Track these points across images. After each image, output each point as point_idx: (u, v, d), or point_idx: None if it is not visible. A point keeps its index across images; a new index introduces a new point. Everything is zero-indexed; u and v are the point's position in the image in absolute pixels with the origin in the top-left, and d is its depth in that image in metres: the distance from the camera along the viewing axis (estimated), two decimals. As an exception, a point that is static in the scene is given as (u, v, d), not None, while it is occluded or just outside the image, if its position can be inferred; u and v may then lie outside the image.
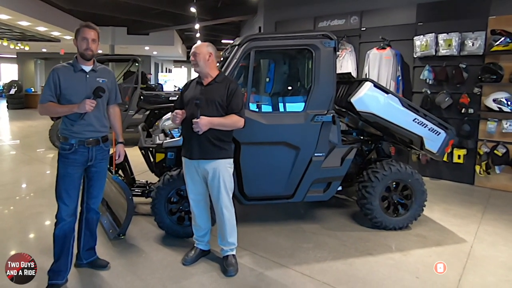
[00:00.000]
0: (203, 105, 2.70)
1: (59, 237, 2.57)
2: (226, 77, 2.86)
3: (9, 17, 9.99)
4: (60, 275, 2.56)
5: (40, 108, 2.54)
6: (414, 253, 3.21)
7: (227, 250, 2.91)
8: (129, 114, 7.63)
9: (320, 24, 6.81)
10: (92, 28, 2.56)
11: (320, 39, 3.33)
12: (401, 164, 3.61)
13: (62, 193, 2.53)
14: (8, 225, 3.70)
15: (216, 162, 2.76)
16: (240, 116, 2.74)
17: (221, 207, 2.81)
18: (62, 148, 2.55)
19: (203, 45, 2.82)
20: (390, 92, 3.62)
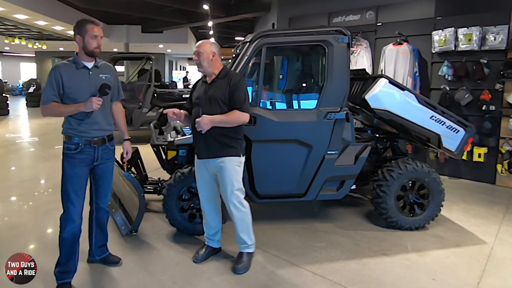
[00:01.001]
0: (205, 104, 2.69)
1: (68, 240, 2.51)
2: (228, 72, 2.78)
3: (27, 16, 10.23)
4: (70, 274, 2.56)
5: (43, 109, 2.43)
6: (431, 254, 3.12)
7: (240, 247, 2.90)
8: (142, 111, 7.70)
9: (334, 20, 6.70)
10: (98, 24, 2.51)
11: (333, 35, 3.27)
12: (417, 162, 3.52)
13: (71, 194, 2.47)
14: (24, 220, 3.78)
15: (223, 160, 2.72)
16: (243, 111, 2.66)
17: (230, 205, 2.79)
18: (68, 148, 2.47)
19: (206, 43, 2.76)
20: (406, 89, 3.54)
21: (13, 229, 3.55)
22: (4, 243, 3.25)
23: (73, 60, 2.48)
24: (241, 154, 2.78)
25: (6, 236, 3.38)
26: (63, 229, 2.51)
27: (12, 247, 3.16)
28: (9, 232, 3.47)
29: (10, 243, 3.25)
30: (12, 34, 14.08)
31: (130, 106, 7.64)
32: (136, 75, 8.94)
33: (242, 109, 2.66)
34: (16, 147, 7.60)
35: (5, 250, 3.10)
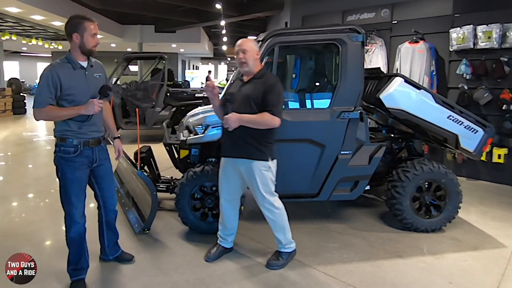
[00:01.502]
0: (236, 101, 2.64)
1: (76, 240, 2.49)
2: (266, 72, 2.73)
3: (43, 17, 10.44)
4: (83, 271, 2.57)
5: (38, 113, 2.27)
6: (448, 257, 3.05)
7: (277, 245, 2.90)
8: (155, 110, 7.77)
9: (348, 18, 6.62)
10: (95, 21, 2.39)
11: (347, 33, 3.23)
12: (434, 163, 3.44)
13: (72, 198, 2.39)
14: (40, 217, 3.85)
15: (249, 163, 2.68)
16: (273, 114, 2.58)
17: (262, 208, 2.79)
18: (66, 152, 2.35)
19: (250, 41, 2.69)
20: (423, 88, 3.47)
21: (30, 225, 3.62)
22: (21, 239, 3.31)
23: (68, 60, 2.35)
24: (269, 158, 2.70)
25: (24, 232, 3.45)
26: (68, 230, 2.47)
27: (30, 242, 3.24)
28: (26, 229, 3.54)
29: (28, 239, 3.31)
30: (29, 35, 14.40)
31: (143, 105, 7.71)
32: (149, 74, 9.02)
33: (273, 112, 2.58)
34: (32, 145, 7.77)
35: (23, 246, 3.18)
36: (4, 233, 3.46)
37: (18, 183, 5.06)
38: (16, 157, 6.82)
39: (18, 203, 4.35)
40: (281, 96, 2.65)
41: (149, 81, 8.33)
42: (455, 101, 4.94)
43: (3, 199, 4.39)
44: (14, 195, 4.55)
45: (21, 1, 8.57)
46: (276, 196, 2.80)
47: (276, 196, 2.80)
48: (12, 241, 3.26)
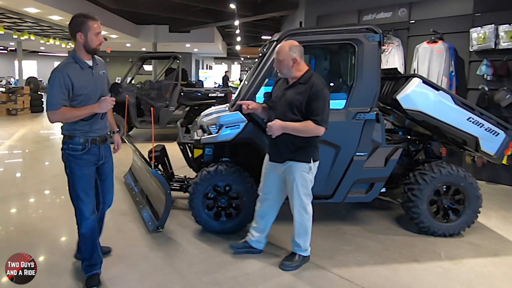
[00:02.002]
0: (279, 107, 2.65)
1: (88, 235, 2.51)
2: (312, 76, 2.64)
3: (61, 18, 10.64)
4: (97, 266, 2.59)
5: (53, 115, 2.26)
6: (466, 263, 2.97)
7: (294, 248, 2.89)
8: (169, 110, 7.82)
9: (364, 18, 6.52)
10: (99, 20, 2.38)
11: (364, 33, 3.20)
12: (452, 166, 3.36)
13: (81, 194, 2.42)
14: (57, 213, 3.92)
15: (290, 165, 2.69)
16: (318, 124, 2.53)
17: (294, 209, 2.77)
18: (74, 149, 2.37)
19: (284, 49, 2.62)
20: (441, 89, 3.41)
21: (47, 221, 3.69)
22: (39, 234, 3.38)
23: (75, 60, 2.35)
24: (311, 160, 2.68)
25: (41, 228, 3.52)
26: (80, 227, 2.50)
27: (47, 238, 3.31)
28: (43, 224, 3.60)
29: (45, 234, 3.38)
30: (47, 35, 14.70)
31: (157, 104, 7.78)
32: (163, 74, 9.09)
33: (317, 121, 2.53)
34: (49, 143, 7.94)
35: (41, 241, 3.27)
36: (22, 228, 3.53)
37: (35, 179, 5.16)
38: (33, 154, 6.97)
39: (35, 199, 4.44)
40: (326, 103, 2.57)
41: (163, 81, 8.40)
42: (475, 103, 4.81)
43: (21, 195, 4.49)
44: (31, 191, 4.64)
45: (40, 2, 8.75)
46: (310, 199, 2.79)
47: (310, 199, 2.79)
48: (30, 237, 3.32)
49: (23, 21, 11.18)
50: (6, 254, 2.95)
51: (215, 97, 8.12)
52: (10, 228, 3.58)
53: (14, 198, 4.40)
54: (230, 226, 3.35)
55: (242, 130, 3.26)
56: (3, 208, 4.11)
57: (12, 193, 4.53)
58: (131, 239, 3.29)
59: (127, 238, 3.31)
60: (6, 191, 4.60)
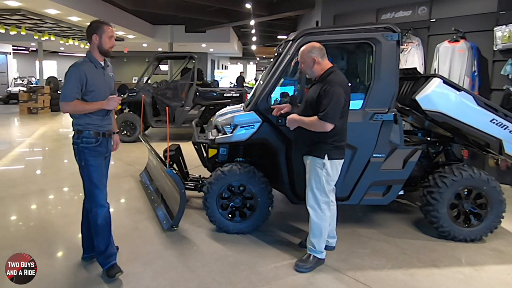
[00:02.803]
0: (301, 103, 2.83)
1: (103, 225, 2.63)
2: (329, 75, 2.70)
3: (80, 18, 10.87)
4: (113, 257, 2.69)
5: (66, 106, 2.49)
6: (489, 269, 2.87)
7: (308, 248, 2.87)
8: (185, 109, 7.87)
9: (383, 17, 6.40)
10: (113, 26, 2.62)
11: (382, 32, 3.15)
12: (474, 169, 3.26)
13: (98, 183, 2.61)
14: (75, 210, 3.97)
15: (307, 158, 2.80)
16: (321, 119, 2.59)
17: (308, 204, 2.81)
18: (89, 142, 2.57)
19: (305, 52, 2.76)
20: (463, 89, 3.30)
21: (65, 217, 3.77)
22: (58, 230, 3.46)
23: (90, 59, 2.58)
24: (325, 157, 2.69)
25: (60, 224, 3.60)
26: (97, 218, 2.61)
27: (65, 234, 3.38)
28: (62, 220, 3.68)
29: (64, 230, 3.46)
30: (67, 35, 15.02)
31: (173, 104, 7.84)
32: (179, 74, 9.16)
33: (320, 117, 2.60)
34: (68, 141, 8.11)
35: (59, 236, 3.34)
36: (41, 223, 3.62)
37: (54, 176, 5.28)
38: (52, 152, 7.15)
39: (54, 196, 4.54)
40: (334, 100, 2.58)
41: (179, 81, 8.46)
42: (499, 104, 4.64)
43: (41, 192, 4.60)
44: (50, 188, 4.75)
45: (60, 3, 8.96)
46: (327, 199, 2.78)
47: (327, 199, 2.78)
48: (49, 233, 3.40)
49: (43, 22, 11.46)
50: (26, 248, 3.04)
51: (230, 97, 8.13)
52: (31, 223, 3.66)
53: (35, 194, 4.51)
54: (244, 226, 3.34)
55: (257, 130, 3.24)
56: (24, 204, 4.22)
57: (33, 190, 4.65)
58: (146, 237, 3.32)
59: (142, 236, 3.34)
60: (27, 187, 4.72)
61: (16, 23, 11.88)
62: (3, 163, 6.01)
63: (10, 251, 2.69)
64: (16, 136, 8.86)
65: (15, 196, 4.41)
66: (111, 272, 2.62)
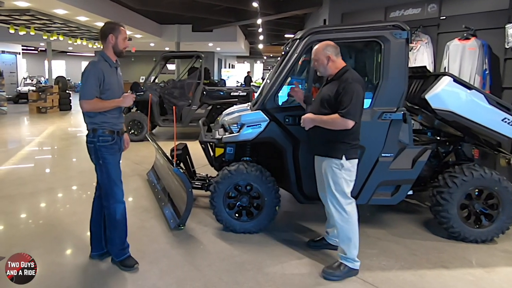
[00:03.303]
0: (315, 102, 2.77)
1: (121, 221, 2.74)
2: (345, 73, 2.66)
3: (88, 18, 10.97)
4: (127, 249, 2.80)
5: (86, 104, 2.54)
6: (500, 271, 2.82)
7: (338, 254, 2.77)
8: (192, 109, 7.88)
9: (392, 15, 6.31)
10: (125, 28, 2.71)
11: (391, 30, 3.11)
12: (485, 169, 3.20)
13: (116, 180, 2.70)
14: (83, 208, 4.00)
15: (323, 160, 2.73)
16: (343, 116, 2.53)
17: (330, 206, 2.73)
18: (106, 140, 2.63)
19: (319, 50, 2.72)
20: (474, 88, 3.26)
21: (73, 215, 3.80)
22: (66, 228, 3.49)
23: (105, 59, 2.65)
24: (343, 157, 2.63)
25: (68, 222, 3.62)
26: (116, 214, 2.70)
27: (73, 232, 3.41)
28: (70, 218, 3.71)
29: (72, 228, 3.48)
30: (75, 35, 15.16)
31: (180, 103, 7.86)
32: (186, 73, 9.18)
33: (343, 114, 2.53)
34: (76, 140, 8.19)
35: (68, 234, 3.37)
36: (50, 222, 3.65)
37: (63, 175, 5.33)
38: (61, 151, 7.21)
39: (63, 194, 4.58)
40: (355, 96, 2.54)
41: (186, 80, 8.47)
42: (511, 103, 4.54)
43: (50, 190, 4.64)
44: (59, 187, 4.79)
45: (68, 3, 9.04)
46: (350, 200, 2.70)
47: (350, 200, 2.70)
48: (58, 230, 3.43)
49: (52, 23, 11.58)
50: (35, 246, 3.07)
51: (237, 96, 8.12)
52: (40, 221, 3.70)
53: (44, 192, 4.55)
54: (251, 225, 3.33)
55: (264, 130, 3.23)
56: (33, 202, 4.26)
57: (42, 188, 4.69)
58: (153, 235, 3.33)
59: (149, 234, 3.35)
60: (36, 186, 4.77)
61: (25, 23, 12.02)
62: (13, 161, 6.09)
63: (20, 249, 2.72)
64: (26, 135, 8.97)
65: (25, 194, 4.46)
66: (128, 263, 2.73)
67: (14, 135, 8.82)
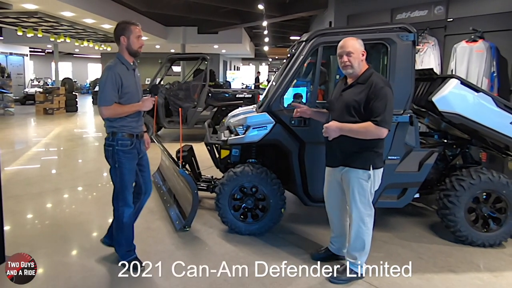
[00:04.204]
0: (337, 108, 2.54)
1: (128, 224, 2.73)
2: (371, 75, 2.49)
3: (94, 21, 11.07)
4: (134, 251, 2.80)
5: (106, 110, 2.50)
6: (508, 276, 2.78)
7: (347, 260, 2.71)
8: (197, 110, 7.90)
9: (398, 17, 6.30)
10: (139, 25, 2.61)
11: (397, 32, 3.10)
12: (493, 172, 3.17)
13: (128, 185, 2.67)
14: (89, 209, 4.04)
15: (346, 170, 2.55)
16: (378, 125, 2.35)
17: (351, 219, 2.63)
18: (124, 145, 2.59)
19: (355, 41, 2.50)
20: (482, 91, 3.24)
21: (79, 216, 3.82)
22: (72, 228, 3.51)
23: (122, 61, 2.59)
24: (371, 167, 2.49)
25: (74, 222, 3.64)
26: (123, 217, 2.69)
27: (79, 232, 3.43)
28: (76, 219, 3.73)
29: (78, 229, 3.50)
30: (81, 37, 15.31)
31: (185, 105, 7.88)
32: (191, 75, 9.21)
33: (377, 122, 2.35)
34: (82, 141, 8.24)
35: (74, 235, 3.39)
36: (56, 222, 3.67)
37: (69, 176, 5.36)
38: (67, 152, 7.26)
39: (69, 195, 4.60)
40: (388, 102, 2.38)
41: (191, 82, 8.51)
42: (519, 105, 4.51)
43: (56, 191, 4.67)
44: (65, 187, 4.82)
45: (75, 6, 9.13)
46: (371, 211, 2.61)
47: (371, 211, 2.61)
48: (64, 231, 3.45)
49: (59, 25, 11.70)
50: (42, 246, 3.09)
51: (243, 98, 8.13)
52: (46, 222, 3.73)
53: (50, 193, 4.59)
54: (256, 227, 3.33)
55: (270, 132, 3.23)
56: (40, 202, 4.29)
57: (48, 189, 4.73)
58: (158, 237, 3.33)
59: (154, 236, 3.35)
60: (43, 186, 4.81)
61: (33, 25, 12.17)
62: (19, 162, 6.14)
63: (27, 249, 2.73)
64: (32, 136, 9.05)
65: (32, 194, 4.50)
66: (134, 264, 2.70)
67: (21, 136, 8.91)
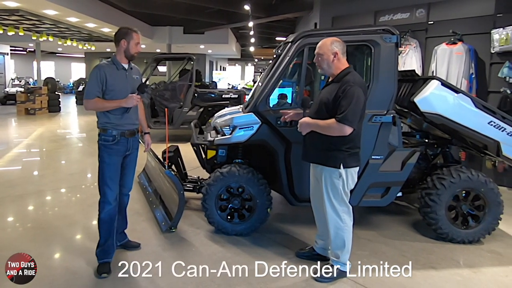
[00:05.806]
0: (313, 105, 2.66)
1: (106, 221, 2.75)
2: (347, 75, 2.53)
3: (78, 19, 10.86)
4: (109, 254, 2.77)
5: (87, 104, 2.69)
6: (487, 271, 2.87)
7: (331, 259, 2.75)
8: (183, 111, 7.86)
9: (381, 19, 6.41)
10: (139, 33, 2.81)
11: (381, 34, 3.16)
12: (472, 171, 3.26)
13: (107, 179, 2.73)
14: (73, 211, 3.97)
15: (320, 169, 2.62)
16: (339, 121, 2.41)
17: (328, 215, 2.65)
18: (106, 140, 2.72)
19: (326, 44, 2.57)
20: (461, 92, 3.32)
21: (63, 218, 3.75)
22: (55, 231, 3.44)
23: (113, 62, 2.77)
24: (341, 166, 2.52)
25: (57, 225, 3.58)
26: (101, 212, 2.75)
27: (64, 235, 3.37)
28: (60, 222, 3.66)
29: (62, 231, 3.44)
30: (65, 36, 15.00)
31: (171, 105, 7.83)
32: (177, 75, 9.16)
33: (338, 119, 2.42)
34: (66, 142, 8.08)
35: (57, 237, 3.33)
36: (39, 224, 3.60)
37: (52, 177, 5.26)
38: (50, 153, 7.10)
39: (52, 197, 4.52)
40: (354, 101, 2.41)
41: (177, 82, 8.46)
42: (497, 106, 4.65)
43: (38, 193, 4.57)
44: (48, 189, 4.72)
45: (58, 4, 8.94)
46: (347, 208, 2.65)
47: (347, 208, 2.65)
48: (47, 233, 3.38)
49: (42, 23, 11.44)
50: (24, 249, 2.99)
51: (229, 98, 8.13)
52: (28, 224, 3.65)
53: (32, 195, 4.49)
54: (243, 228, 3.34)
55: (256, 132, 3.25)
56: (22, 205, 4.20)
57: (30, 191, 4.62)
58: (144, 238, 3.30)
59: (140, 237, 3.32)
60: (25, 188, 4.70)
61: (14, 23, 11.86)
62: (0, 163, 5.99)
63: (9, 252, 2.67)
64: (14, 137, 8.82)
65: (13, 197, 4.39)
66: (102, 269, 2.70)
67: (1, 137, 8.66)
